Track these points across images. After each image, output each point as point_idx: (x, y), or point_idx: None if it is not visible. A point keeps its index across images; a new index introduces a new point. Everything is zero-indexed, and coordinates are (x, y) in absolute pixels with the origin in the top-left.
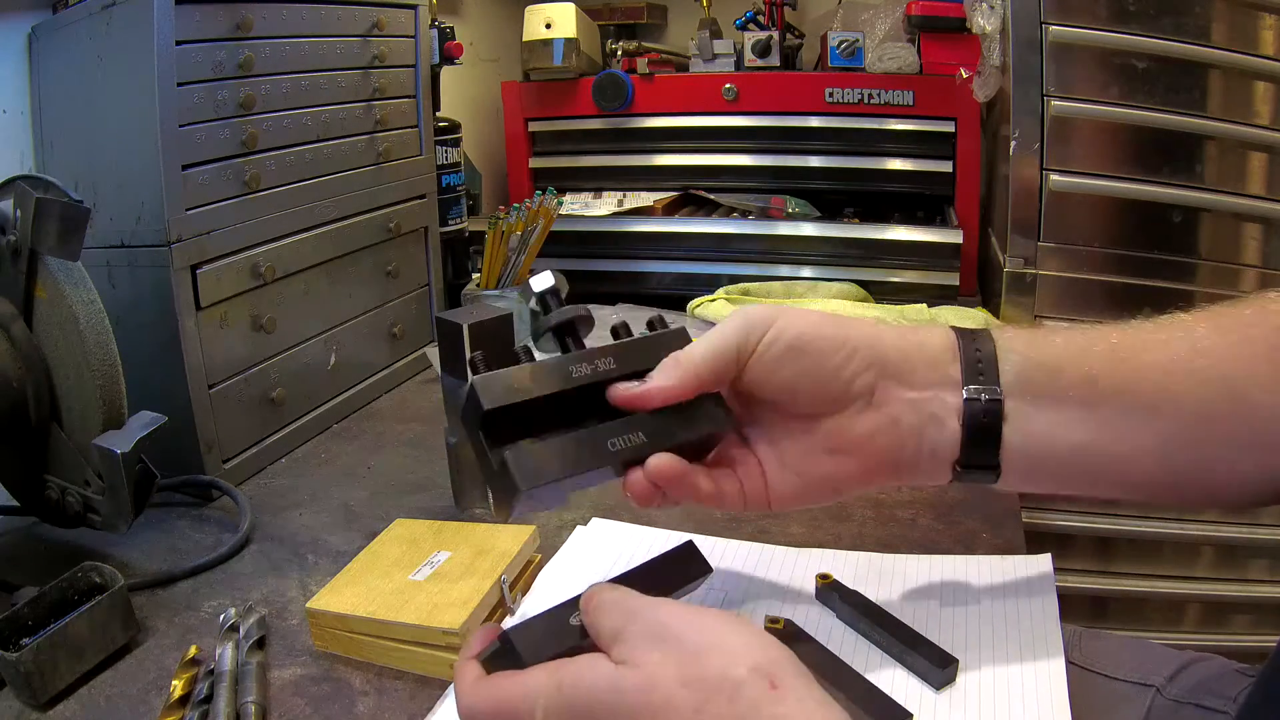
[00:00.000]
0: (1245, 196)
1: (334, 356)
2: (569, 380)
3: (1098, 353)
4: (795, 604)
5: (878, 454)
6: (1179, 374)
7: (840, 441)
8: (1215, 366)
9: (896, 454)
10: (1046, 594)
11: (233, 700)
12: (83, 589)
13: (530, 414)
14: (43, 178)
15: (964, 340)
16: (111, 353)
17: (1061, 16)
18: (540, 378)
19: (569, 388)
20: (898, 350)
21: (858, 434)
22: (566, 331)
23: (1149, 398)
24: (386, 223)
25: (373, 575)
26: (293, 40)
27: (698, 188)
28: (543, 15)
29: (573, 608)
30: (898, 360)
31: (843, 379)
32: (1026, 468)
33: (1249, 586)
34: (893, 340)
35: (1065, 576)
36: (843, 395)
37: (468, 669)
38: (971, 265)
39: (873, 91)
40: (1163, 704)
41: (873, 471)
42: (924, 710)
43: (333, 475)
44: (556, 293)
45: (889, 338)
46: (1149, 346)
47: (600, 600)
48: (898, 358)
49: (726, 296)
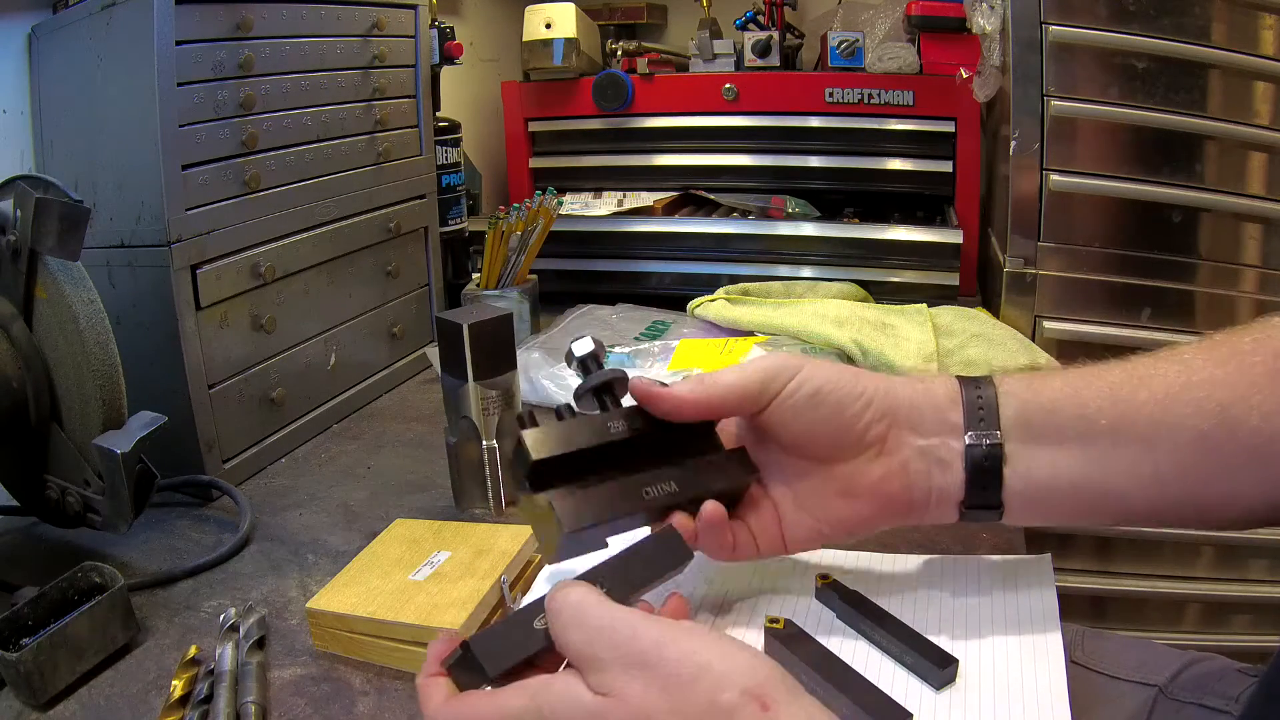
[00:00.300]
0: (1245, 196)
1: (334, 356)
2: (607, 435)
3: (1094, 392)
4: (795, 604)
5: (889, 497)
6: (1174, 406)
7: (853, 485)
8: (1211, 396)
9: (907, 497)
10: (1046, 594)
11: (233, 700)
12: (83, 589)
13: (572, 466)
14: (43, 178)
15: (966, 388)
16: (111, 353)
17: (1061, 16)
18: (582, 433)
19: (607, 442)
20: (908, 400)
21: (870, 479)
22: (605, 391)
23: (1144, 431)
24: (386, 223)
25: (373, 575)
26: (293, 40)
27: (698, 188)
28: (543, 15)
29: (536, 610)
30: (908, 409)
31: (858, 428)
32: (1028, 504)
33: (1249, 586)
34: (903, 391)
35: (1065, 576)
36: (858, 442)
37: (433, 686)
38: (971, 265)
39: (873, 91)
40: (1165, 704)
41: (884, 514)
42: (924, 710)
43: (333, 475)
44: (596, 356)
45: (900, 388)
46: (1144, 382)
47: (562, 609)
48: (908, 407)
49: (726, 296)
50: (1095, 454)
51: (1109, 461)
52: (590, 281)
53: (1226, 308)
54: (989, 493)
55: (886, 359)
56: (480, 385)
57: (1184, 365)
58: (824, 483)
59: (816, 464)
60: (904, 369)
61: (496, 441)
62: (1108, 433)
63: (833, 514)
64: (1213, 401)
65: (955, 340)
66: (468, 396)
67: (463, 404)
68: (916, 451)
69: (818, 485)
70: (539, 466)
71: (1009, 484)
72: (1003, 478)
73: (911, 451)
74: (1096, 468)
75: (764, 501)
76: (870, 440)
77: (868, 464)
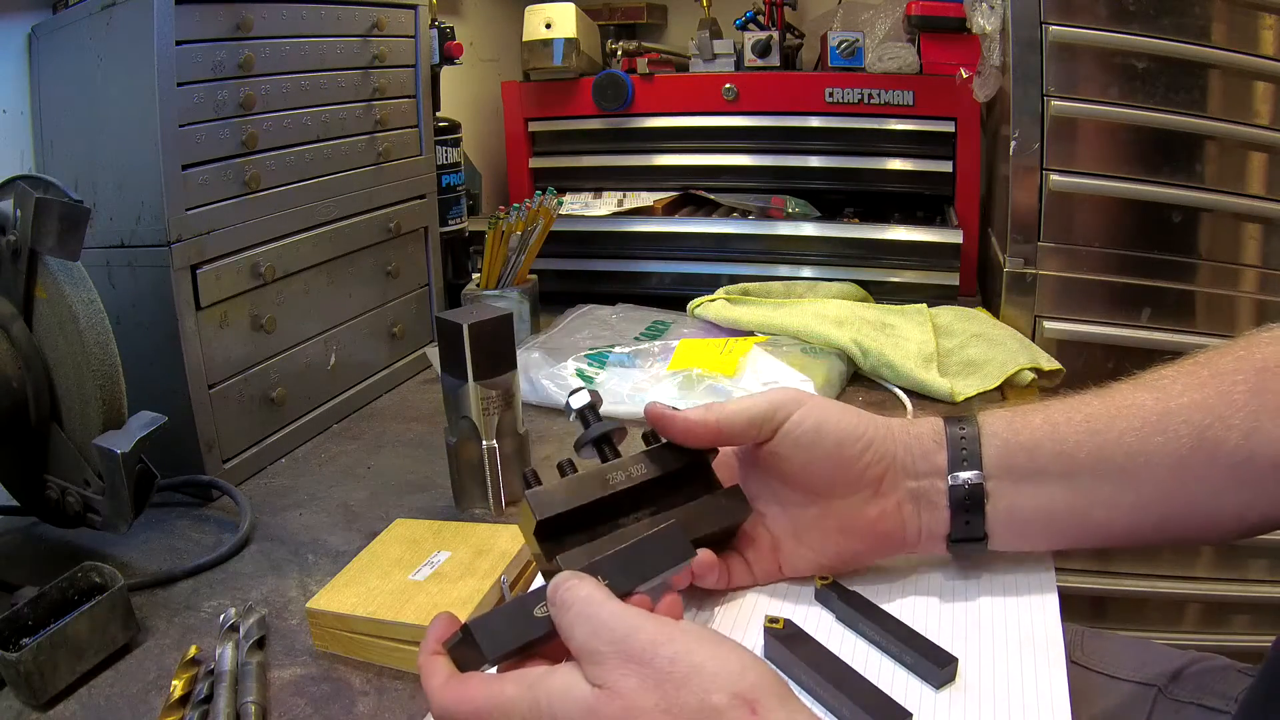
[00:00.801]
0: (1245, 196)
1: (334, 356)
2: (608, 487)
3: (1073, 428)
4: (795, 604)
5: (883, 534)
6: (1152, 435)
7: (850, 522)
8: (1189, 421)
9: (899, 534)
10: (1046, 594)
11: (233, 700)
12: (83, 589)
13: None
14: (43, 178)
15: (950, 427)
16: (111, 353)
17: (1061, 16)
18: (584, 487)
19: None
20: (904, 445)
21: (867, 518)
22: (605, 442)
23: (1123, 463)
24: (386, 223)
25: (373, 575)
26: (293, 40)
27: (698, 188)
28: (543, 15)
29: (538, 598)
30: (904, 453)
31: (857, 467)
32: (1011, 536)
33: (1249, 586)
34: (899, 435)
35: (1065, 576)
36: (856, 481)
37: (436, 665)
38: (971, 265)
39: (873, 91)
40: (1165, 704)
41: (878, 550)
42: (924, 710)
43: (333, 475)
44: (594, 408)
45: (897, 433)
46: (1122, 412)
47: (571, 601)
48: (904, 451)
49: (726, 296)
50: (1076, 486)
51: (1090, 493)
52: (590, 281)
53: (1226, 308)
54: (973, 527)
55: (886, 359)
56: (480, 385)
57: (1162, 392)
58: (822, 517)
59: (815, 498)
60: (904, 369)
61: (496, 441)
62: (1087, 467)
63: (830, 547)
64: (1190, 426)
65: (955, 340)
66: (468, 396)
67: (463, 404)
68: (908, 493)
69: (816, 519)
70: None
71: (991, 519)
72: (985, 514)
73: (903, 493)
74: (1079, 499)
75: (761, 534)
76: (868, 480)
77: (864, 503)
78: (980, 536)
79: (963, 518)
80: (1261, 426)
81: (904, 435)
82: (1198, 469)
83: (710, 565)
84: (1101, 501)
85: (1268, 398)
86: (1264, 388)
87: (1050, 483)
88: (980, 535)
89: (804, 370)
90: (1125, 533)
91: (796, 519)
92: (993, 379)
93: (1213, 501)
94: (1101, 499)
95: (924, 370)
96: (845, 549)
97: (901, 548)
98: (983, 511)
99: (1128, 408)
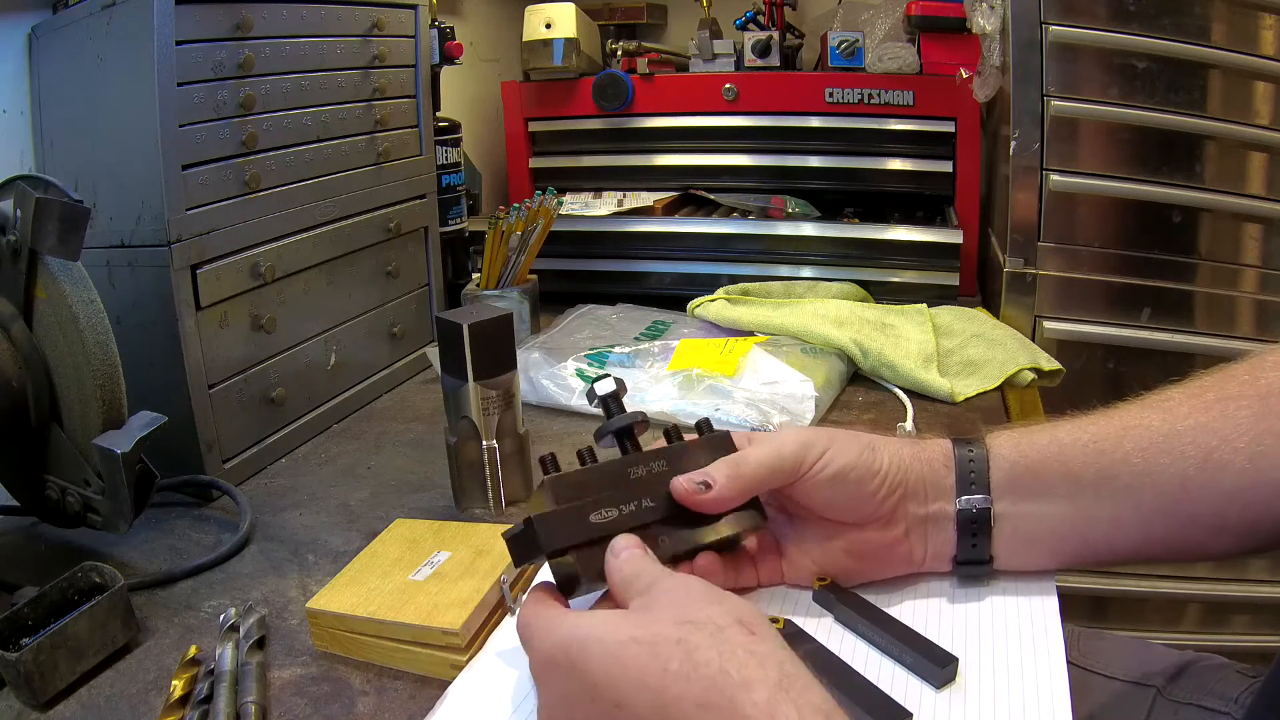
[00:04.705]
0: (1245, 196)
1: (334, 356)
2: (627, 481)
3: (1079, 449)
4: (795, 604)
5: (892, 559)
6: (1157, 456)
7: (860, 548)
8: (1194, 443)
9: (907, 557)
10: (1046, 594)
11: (233, 700)
12: (83, 589)
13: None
14: (43, 178)
15: (959, 448)
16: (111, 353)
17: (1061, 16)
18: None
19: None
20: (916, 474)
21: (876, 544)
22: (626, 435)
23: (1128, 482)
24: (386, 223)
25: (373, 575)
26: (293, 40)
27: (698, 188)
28: (543, 15)
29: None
30: (915, 482)
31: (873, 503)
32: (1016, 556)
33: (1249, 586)
34: (910, 462)
35: (1065, 576)
36: (872, 515)
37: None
38: (971, 265)
39: (873, 91)
40: (1163, 704)
41: (885, 570)
42: (924, 710)
43: (333, 475)
44: (618, 397)
45: (909, 460)
46: (1129, 432)
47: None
48: (915, 480)
49: (726, 296)
50: (1081, 508)
51: (1094, 512)
52: (590, 281)
53: (1226, 308)
54: (979, 549)
55: (886, 359)
56: (480, 385)
57: (1168, 413)
58: (832, 540)
59: (828, 524)
60: (904, 369)
61: (496, 441)
62: (1091, 488)
63: (836, 565)
64: (1197, 448)
65: (955, 340)
66: (468, 396)
67: (463, 404)
68: (917, 520)
69: (825, 539)
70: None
71: (999, 539)
72: (992, 535)
73: (914, 520)
74: (1083, 519)
75: (770, 543)
76: (883, 513)
77: (876, 532)
78: (986, 559)
79: (969, 540)
80: (1266, 450)
81: (916, 463)
82: (1203, 490)
83: (715, 571)
84: (1106, 520)
85: (1273, 421)
86: (1269, 412)
87: (1055, 503)
88: (986, 558)
89: (804, 370)
90: (1129, 550)
91: (804, 533)
92: (993, 379)
93: (1216, 522)
94: (1106, 518)
95: (924, 370)
96: (852, 569)
97: (907, 568)
98: (989, 534)
99: (1134, 428)
